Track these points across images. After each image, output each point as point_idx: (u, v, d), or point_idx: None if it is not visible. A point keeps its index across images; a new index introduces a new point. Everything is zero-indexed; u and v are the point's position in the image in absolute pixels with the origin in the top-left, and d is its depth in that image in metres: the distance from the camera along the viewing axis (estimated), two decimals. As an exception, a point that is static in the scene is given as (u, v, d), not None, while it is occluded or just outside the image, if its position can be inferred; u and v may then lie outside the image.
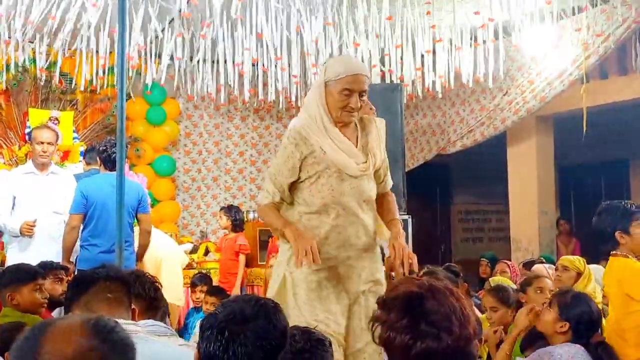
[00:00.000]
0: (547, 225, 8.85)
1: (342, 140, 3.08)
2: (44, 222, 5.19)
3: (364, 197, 3.11)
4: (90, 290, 2.26)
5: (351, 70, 3.02)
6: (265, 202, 3.16)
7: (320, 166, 3.05)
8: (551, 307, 3.13)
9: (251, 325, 1.74)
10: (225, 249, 7.21)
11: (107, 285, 2.27)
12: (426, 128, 9.54)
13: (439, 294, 1.67)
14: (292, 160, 3.06)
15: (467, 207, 12.04)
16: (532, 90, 7.90)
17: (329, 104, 3.04)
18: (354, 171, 3.06)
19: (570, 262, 4.40)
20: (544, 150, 8.82)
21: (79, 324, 1.34)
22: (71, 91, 8.17)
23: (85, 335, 1.32)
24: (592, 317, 3.07)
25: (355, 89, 2.99)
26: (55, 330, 1.33)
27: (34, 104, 7.94)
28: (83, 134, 8.26)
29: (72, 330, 1.33)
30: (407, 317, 1.64)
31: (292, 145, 3.06)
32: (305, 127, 3.06)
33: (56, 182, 5.37)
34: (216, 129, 9.94)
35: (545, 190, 8.82)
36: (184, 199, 9.66)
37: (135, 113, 8.82)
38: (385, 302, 1.71)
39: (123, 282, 2.34)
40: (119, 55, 3.84)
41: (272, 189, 3.12)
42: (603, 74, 8.01)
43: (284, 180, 3.09)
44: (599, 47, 7.06)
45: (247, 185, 10.11)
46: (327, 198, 3.05)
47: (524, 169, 8.83)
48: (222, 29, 6.80)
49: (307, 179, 3.07)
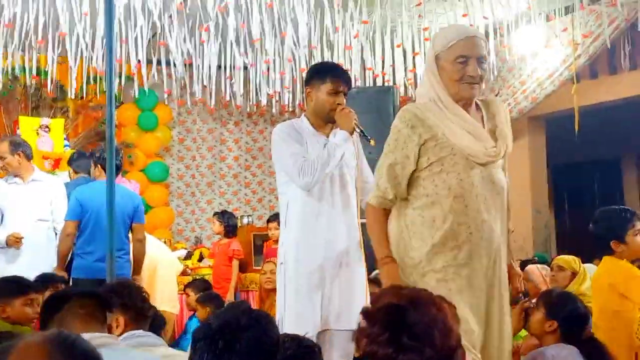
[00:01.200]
0: (541, 225, 8.87)
1: (467, 120, 2.64)
2: (30, 230, 5.10)
3: (497, 188, 2.69)
4: (63, 308, 2.29)
5: (464, 33, 2.65)
6: (374, 201, 2.71)
7: (443, 152, 2.59)
8: (538, 308, 3.15)
9: (245, 335, 1.73)
10: (218, 254, 7.19)
11: (80, 302, 2.31)
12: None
13: (421, 306, 1.66)
14: (409, 146, 2.60)
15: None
16: (524, 91, 7.93)
17: (445, 80, 2.62)
18: (483, 157, 2.62)
19: (565, 261, 4.40)
20: (536, 150, 8.85)
21: (40, 341, 1.36)
22: (62, 99, 8.15)
23: (47, 351, 1.34)
24: (579, 314, 3.07)
25: (471, 54, 2.59)
26: (18, 350, 1.35)
27: (25, 112, 7.92)
28: (74, 141, 8.24)
29: (34, 348, 1.35)
30: (389, 331, 1.64)
31: (407, 128, 2.60)
32: (420, 108, 2.64)
33: (39, 189, 5.27)
34: (210, 134, 9.93)
35: (539, 190, 8.85)
36: (178, 205, 9.64)
37: (127, 119, 8.80)
38: (369, 314, 1.71)
39: (96, 298, 2.37)
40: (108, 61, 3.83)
41: (385, 183, 2.65)
42: (593, 73, 8.04)
43: (401, 171, 2.63)
44: (588, 47, 7.09)
45: (242, 190, 10.11)
46: (454, 189, 2.58)
47: (516, 169, 8.83)
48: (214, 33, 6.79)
49: (427, 167, 2.61)
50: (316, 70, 3.51)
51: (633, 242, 3.36)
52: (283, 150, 3.31)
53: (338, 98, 3.32)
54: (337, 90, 3.32)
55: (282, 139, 3.32)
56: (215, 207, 9.55)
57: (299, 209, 3.32)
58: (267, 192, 10.19)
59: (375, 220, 2.70)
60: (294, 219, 3.33)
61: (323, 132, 3.41)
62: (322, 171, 3.20)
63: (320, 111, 3.36)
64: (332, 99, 3.32)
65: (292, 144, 3.29)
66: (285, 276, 3.33)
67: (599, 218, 3.52)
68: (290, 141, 3.30)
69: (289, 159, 3.25)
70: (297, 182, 3.26)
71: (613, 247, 3.39)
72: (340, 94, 3.33)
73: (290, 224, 3.35)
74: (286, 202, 3.38)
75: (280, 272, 3.37)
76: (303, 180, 3.21)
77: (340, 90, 3.33)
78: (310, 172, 3.19)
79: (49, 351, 1.33)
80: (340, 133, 3.28)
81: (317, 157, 3.22)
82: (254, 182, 10.10)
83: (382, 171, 2.66)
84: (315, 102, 3.37)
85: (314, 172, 3.19)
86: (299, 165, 3.21)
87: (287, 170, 3.29)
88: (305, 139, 3.34)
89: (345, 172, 3.38)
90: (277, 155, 3.38)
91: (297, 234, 3.32)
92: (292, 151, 3.26)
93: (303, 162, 3.21)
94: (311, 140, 3.34)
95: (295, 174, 3.23)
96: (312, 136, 3.37)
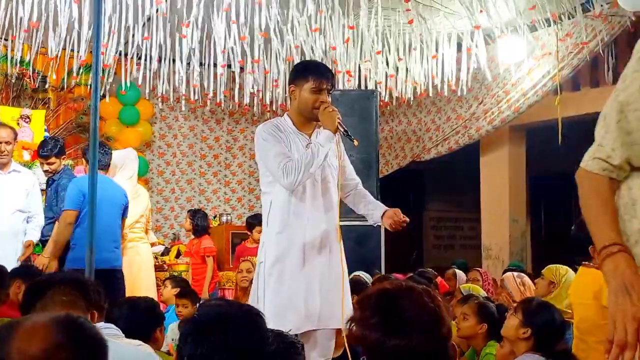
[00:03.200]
0: (518, 234, 8.94)
1: None
2: (7, 220, 5.13)
3: None
4: (45, 295, 2.29)
5: None
6: (592, 166, 1.77)
7: None
8: (516, 313, 3.18)
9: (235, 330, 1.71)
10: (193, 253, 7.19)
11: (62, 288, 2.31)
12: (401, 135, 9.58)
13: (413, 294, 1.67)
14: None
15: (440, 214, 12.12)
16: (508, 101, 7.99)
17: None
18: None
19: (548, 270, 4.45)
20: (516, 160, 8.93)
21: (47, 322, 1.34)
22: (43, 90, 8.06)
23: (54, 332, 1.32)
24: (555, 326, 3.09)
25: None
26: (24, 329, 1.32)
27: (5, 102, 7.82)
28: (54, 132, 8.14)
29: (40, 328, 1.32)
30: (379, 315, 1.64)
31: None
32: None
33: (18, 180, 5.28)
34: (191, 131, 9.89)
35: (517, 199, 8.92)
36: (157, 201, 9.58)
37: (108, 113, 8.72)
38: (361, 301, 1.72)
39: (78, 284, 2.35)
40: (94, 54, 3.80)
41: (612, 140, 1.73)
42: (576, 86, 8.13)
43: None
44: (572, 59, 7.16)
45: (222, 189, 10.07)
46: None
47: (496, 177, 8.92)
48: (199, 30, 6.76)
49: None
50: (300, 69, 3.52)
51: None
52: (267, 150, 3.31)
53: (321, 96, 3.32)
54: (321, 88, 3.32)
55: (266, 139, 3.32)
56: (195, 204, 9.51)
57: (282, 208, 3.32)
58: (247, 191, 10.17)
59: (594, 192, 1.76)
60: (276, 218, 3.33)
61: (306, 131, 3.43)
62: (306, 171, 3.21)
63: (304, 109, 3.37)
64: (316, 96, 3.32)
65: (275, 144, 3.29)
66: (264, 275, 3.32)
67: (580, 222, 3.55)
68: (274, 141, 3.30)
69: (273, 160, 3.25)
70: (281, 182, 3.26)
71: (590, 251, 3.43)
72: (324, 91, 3.33)
73: (273, 224, 3.35)
74: (269, 202, 3.38)
75: (260, 270, 3.36)
76: (287, 180, 3.21)
77: (323, 88, 3.33)
78: (294, 172, 3.19)
79: (56, 332, 1.31)
80: (324, 133, 3.29)
81: (300, 157, 3.22)
82: (234, 181, 10.07)
83: (609, 120, 1.75)
84: (299, 100, 3.37)
85: (298, 173, 3.19)
86: (282, 165, 3.21)
87: (272, 170, 3.29)
88: (288, 138, 3.34)
89: (328, 173, 3.40)
90: (260, 155, 3.38)
91: (278, 234, 3.32)
92: (276, 151, 3.26)
93: (287, 162, 3.22)
94: (294, 140, 3.35)
95: (280, 174, 3.23)
96: (295, 135, 3.38)
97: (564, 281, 4.30)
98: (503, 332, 3.23)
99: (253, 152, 10.06)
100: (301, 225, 3.31)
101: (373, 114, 6.51)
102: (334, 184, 3.42)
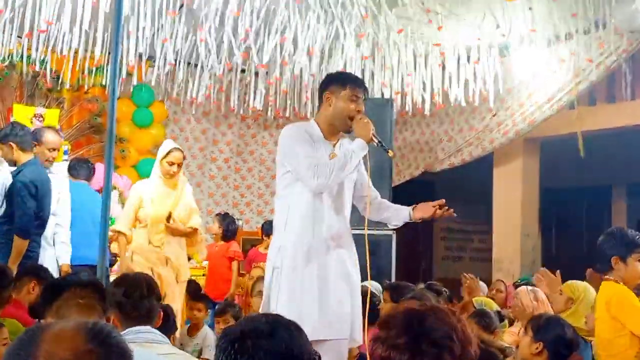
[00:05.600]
0: (529, 248, 8.88)
1: None
2: None
3: None
4: (62, 297, 2.27)
5: None
6: None
7: None
8: (526, 332, 3.20)
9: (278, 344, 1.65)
10: (214, 256, 7.10)
11: (79, 291, 2.29)
12: (414, 145, 9.55)
13: (441, 314, 1.64)
14: None
15: (450, 225, 12.06)
16: (522, 114, 7.95)
17: None
18: None
19: (567, 286, 4.41)
20: (529, 173, 8.87)
21: (75, 328, 1.33)
22: (57, 89, 8.07)
23: (82, 338, 1.30)
24: (565, 338, 3.12)
25: None
26: (52, 333, 1.32)
27: (19, 100, 7.84)
28: (68, 132, 8.15)
29: (69, 333, 1.32)
30: (407, 335, 1.60)
31: None
32: None
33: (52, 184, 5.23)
34: (202, 134, 9.88)
35: (529, 213, 8.87)
36: (166, 203, 9.56)
37: (122, 114, 8.71)
38: (386, 321, 1.68)
39: (95, 287, 2.33)
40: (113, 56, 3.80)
41: None
42: (591, 100, 8.08)
43: None
44: (589, 73, 7.12)
45: (231, 193, 10.05)
46: None
47: (509, 190, 8.86)
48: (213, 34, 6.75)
49: None
50: (335, 77, 3.54)
51: (632, 266, 3.37)
52: (296, 150, 3.27)
53: (358, 105, 3.33)
54: (357, 96, 3.34)
55: (296, 140, 3.29)
56: (203, 207, 9.47)
57: (302, 212, 3.28)
58: (256, 196, 10.14)
59: None
60: (296, 223, 3.29)
61: (331, 140, 3.41)
62: (336, 176, 3.19)
63: (338, 116, 3.35)
64: (352, 105, 3.32)
65: (304, 145, 3.27)
66: (279, 281, 3.27)
67: (609, 232, 3.53)
68: (304, 142, 3.28)
69: (304, 160, 3.22)
70: (308, 183, 3.21)
71: (613, 262, 3.39)
72: (360, 100, 3.34)
73: (291, 228, 3.30)
74: (287, 206, 3.33)
75: (275, 276, 3.30)
76: (316, 181, 3.17)
77: (359, 97, 3.35)
78: (324, 174, 3.16)
79: (85, 338, 1.30)
80: (357, 141, 3.27)
81: (333, 161, 3.21)
82: (243, 185, 10.05)
83: None
84: (334, 106, 3.36)
85: (329, 175, 3.17)
86: (313, 166, 3.18)
87: (299, 170, 3.24)
88: (315, 144, 3.33)
89: (344, 181, 3.37)
90: (287, 154, 3.33)
91: (297, 238, 3.28)
92: (306, 152, 3.24)
93: (317, 163, 3.19)
94: (319, 147, 3.33)
95: (310, 175, 3.19)
96: (321, 143, 3.36)
97: (582, 298, 4.25)
98: (520, 353, 3.22)
99: (264, 157, 10.15)
100: (321, 231, 3.28)
101: (388, 123, 6.50)
102: (348, 194, 3.41)
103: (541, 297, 4.80)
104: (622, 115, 7.71)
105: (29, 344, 1.30)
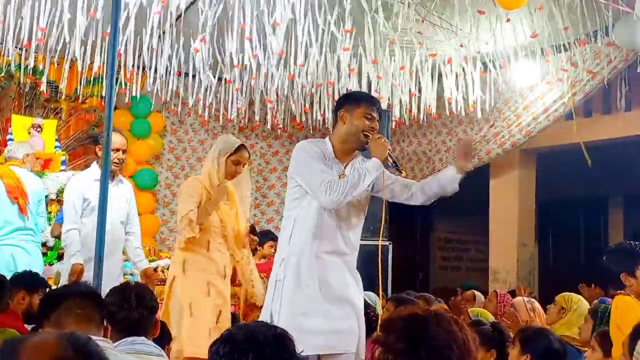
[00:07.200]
0: (526, 258, 8.89)
1: None
2: (114, 231, 5.04)
3: None
4: (60, 307, 2.26)
5: None
6: None
7: None
8: (514, 344, 3.22)
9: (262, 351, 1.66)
10: None
11: (77, 301, 2.28)
12: (412, 155, 9.57)
13: (443, 322, 1.63)
14: None
15: (447, 235, 12.07)
16: (519, 124, 7.98)
17: None
18: None
19: (560, 297, 4.42)
20: (526, 184, 8.90)
21: (53, 338, 1.36)
22: (55, 100, 8.09)
23: (60, 348, 1.33)
24: (553, 350, 3.13)
25: None
26: (32, 343, 1.34)
27: (17, 111, 7.86)
28: (65, 143, 8.17)
29: (47, 344, 1.34)
30: (407, 341, 1.60)
31: None
32: None
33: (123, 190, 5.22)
34: (200, 145, 9.89)
35: (526, 223, 8.89)
36: (163, 213, 9.57)
37: (120, 124, 8.73)
38: (387, 324, 1.67)
39: (94, 298, 2.33)
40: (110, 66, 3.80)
41: None
42: (587, 112, 8.12)
43: None
44: (585, 85, 7.15)
45: (227, 203, 10.03)
46: None
47: (505, 201, 8.88)
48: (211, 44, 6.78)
49: None
50: (350, 96, 3.62)
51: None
52: (311, 165, 3.30)
53: (372, 123, 3.35)
54: (372, 115, 3.36)
55: (311, 156, 3.32)
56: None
57: (308, 226, 3.29)
58: (252, 206, 10.13)
59: None
60: (301, 236, 3.30)
61: (342, 161, 3.43)
62: (349, 193, 3.20)
63: (354, 134, 3.37)
64: (367, 123, 3.34)
65: (319, 162, 3.31)
66: (282, 293, 3.27)
67: (612, 249, 3.53)
68: (318, 159, 3.32)
69: (319, 175, 3.24)
70: (321, 198, 3.22)
71: (623, 279, 3.39)
72: (374, 119, 3.36)
73: (296, 241, 3.31)
74: (293, 219, 3.35)
75: (277, 288, 3.31)
76: (329, 197, 3.19)
77: (374, 115, 3.37)
78: (337, 191, 3.18)
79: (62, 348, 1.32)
80: (373, 161, 3.28)
81: (346, 179, 3.23)
82: (241, 196, 10.05)
83: None
84: (349, 124, 3.38)
85: (343, 192, 3.18)
86: (327, 182, 3.20)
87: (312, 185, 3.26)
88: (328, 163, 3.36)
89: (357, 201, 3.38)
90: (301, 169, 3.35)
91: (301, 252, 3.29)
92: (321, 168, 3.27)
93: (331, 179, 3.22)
94: (331, 166, 3.36)
95: (322, 190, 3.20)
96: (333, 162, 3.38)
97: (575, 308, 4.26)
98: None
99: (261, 167, 10.16)
100: (325, 246, 3.29)
101: (385, 134, 6.48)
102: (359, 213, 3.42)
103: (537, 307, 4.82)
104: (618, 126, 7.74)
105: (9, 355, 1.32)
